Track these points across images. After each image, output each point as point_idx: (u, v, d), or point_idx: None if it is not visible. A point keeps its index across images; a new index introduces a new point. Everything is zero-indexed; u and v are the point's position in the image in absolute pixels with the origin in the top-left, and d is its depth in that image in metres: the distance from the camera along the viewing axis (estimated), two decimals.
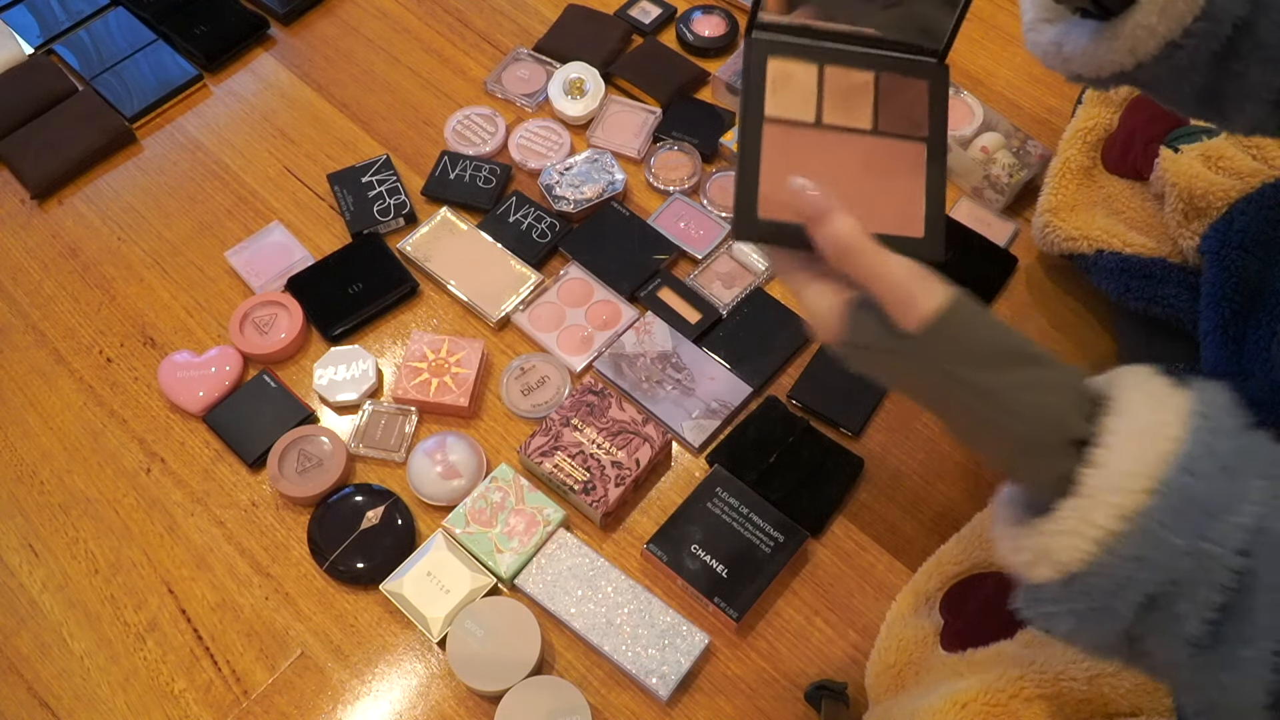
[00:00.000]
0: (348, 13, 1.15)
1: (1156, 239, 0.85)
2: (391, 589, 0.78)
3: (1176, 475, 0.40)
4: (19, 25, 1.12)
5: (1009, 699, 0.60)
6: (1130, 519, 0.40)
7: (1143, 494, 0.40)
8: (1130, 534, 0.40)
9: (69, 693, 0.77)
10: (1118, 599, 0.41)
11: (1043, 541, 0.43)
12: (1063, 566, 0.42)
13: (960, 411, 0.46)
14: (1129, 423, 0.42)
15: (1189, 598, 0.40)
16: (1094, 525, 0.41)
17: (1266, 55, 0.54)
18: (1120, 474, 0.41)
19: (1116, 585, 0.41)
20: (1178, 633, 0.41)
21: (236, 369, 0.89)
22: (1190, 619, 0.40)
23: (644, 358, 0.89)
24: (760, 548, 0.78)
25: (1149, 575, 0.40)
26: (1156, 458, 0.41)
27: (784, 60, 0.53)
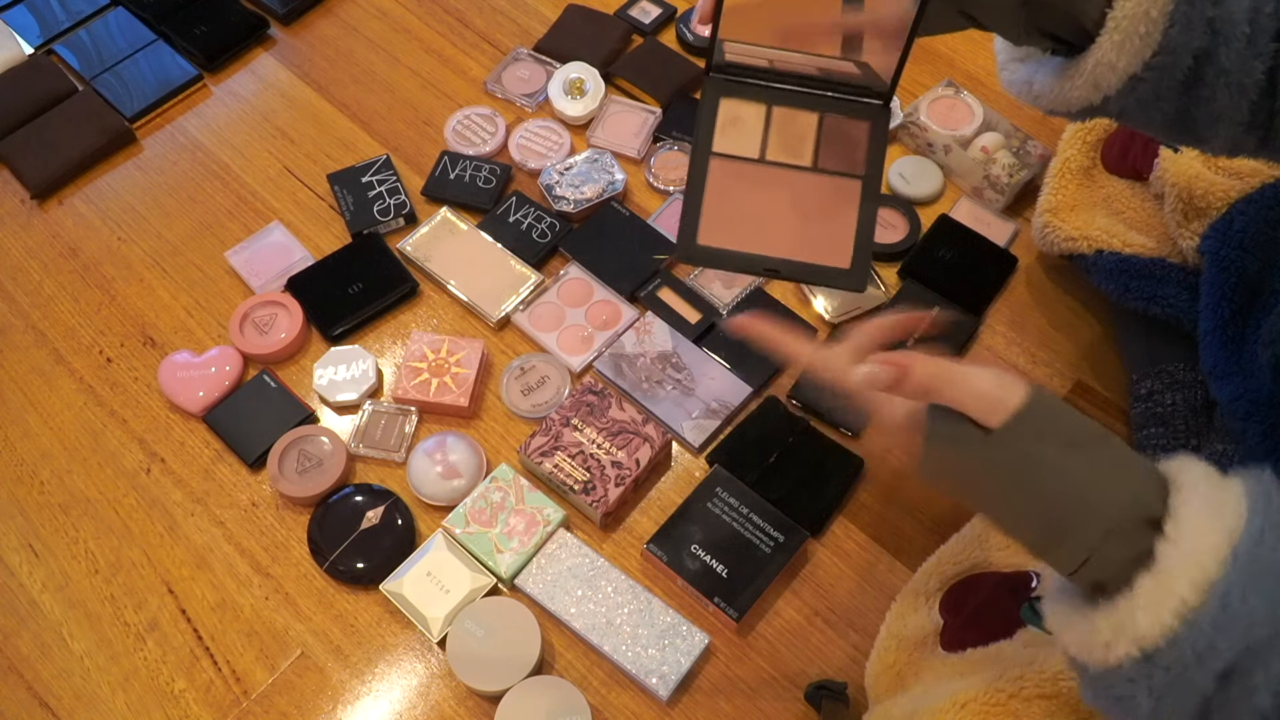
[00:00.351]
0: (348, 13, 1.15)
1: (1156, 239, 0.85)
2: (391, 589, 0.78)
3: (1248, 546, 0.42)
4: (19, 25, 1.12)
5: (1009, 699, 0.60)
6: (1207, 589, 0.42)
7: (1217, 565, 0.42)
8: (1208, 604, 0.42)
9: (69, 693, 0.77)
10: (1196, 671, 0.42)
11: (1121, 619, 0.44)
12: (1143, 641, 0.43)
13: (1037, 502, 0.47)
14: (1196, 500, 0.44)
15: (1265, 667, 0.42)
16: (1173, 596, 0.42)
17: (1232, 81, 0.55)
18: (1194, 548, 0.43)
19: (1196, 656, 0.42)
20: (1250, 708, 0.42)
21: (236, 369, 0.89)
22: (1262, 692, 0.42)
23: (644, 358, 0.89)
24: (760, 548, 0.78)
25: (1227, 643, 0.42)
26: (1226, 532, 0.43)
27: (735, 100, 0.58)
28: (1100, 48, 0.55)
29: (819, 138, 0.57)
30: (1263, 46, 0.54)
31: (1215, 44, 0.54)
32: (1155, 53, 0.54)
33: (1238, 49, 0.54)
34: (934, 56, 1.09)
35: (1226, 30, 0.54)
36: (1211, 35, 0.54)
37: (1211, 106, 0.56)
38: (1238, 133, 0.58)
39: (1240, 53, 0.54)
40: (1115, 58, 0.55)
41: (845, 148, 0.57)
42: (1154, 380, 0.83)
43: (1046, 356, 0.90)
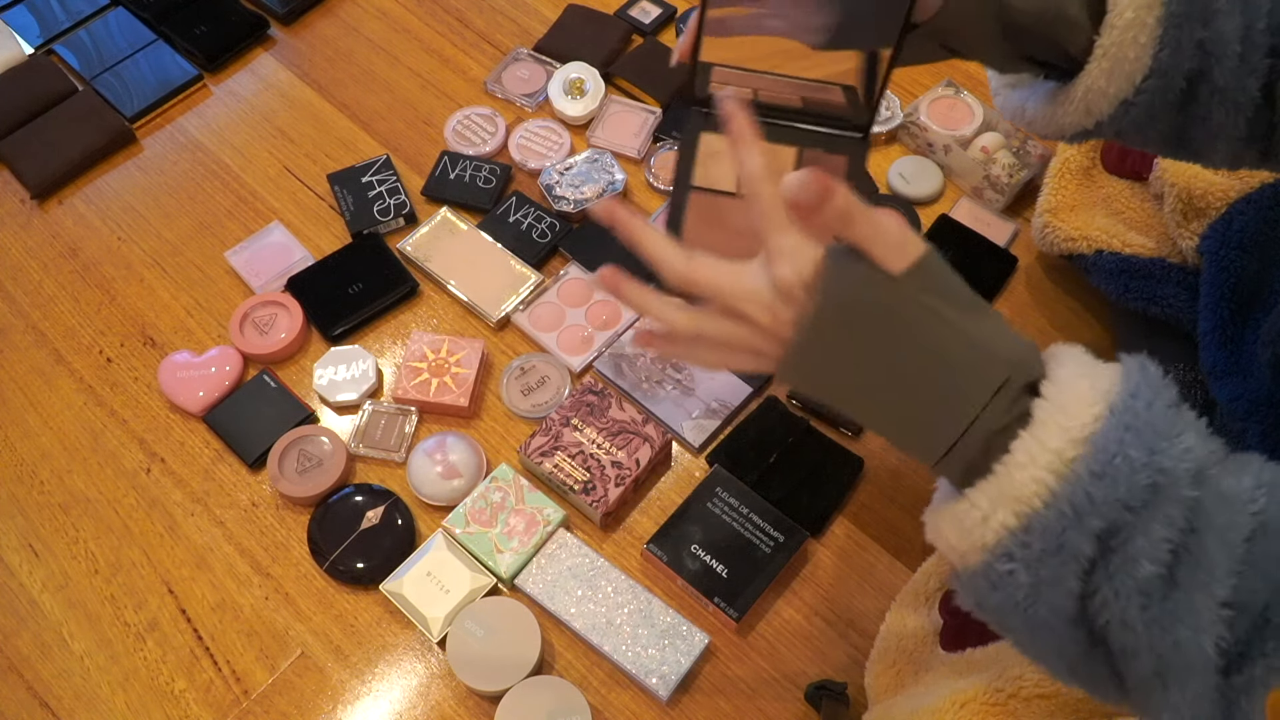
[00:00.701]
0: (348, 13, 1.15)
1: (1156, 239, 0.85)
2: (391, 589, 0.78)
3: (1124, 401, 0.42)
4: (19, 25, 1.12)
5: (1009, 698, 0.60)
6: (1085, 442, 0.41)
7: (1093, 419, 0.41)
8: (1086, 456, 0.41)
9: (69, 693, 0.77)
10: (1075, 533, 0.41)
11: (998, 483, 0.43)
12: (1021, 504, 0.42)
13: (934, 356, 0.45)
14: (1072, 365, 0.44)
15: (1144, 531, 0.40)
16: (1048, 451, 0.42)
17: (1227, 98, 0.55)
18: (1070, 403, 0.42)
19: (1074, 514, 0.41)
20: (1132, 578, 0.40)
21: (236, 369, 0.89)
22: (1143, 561, 0.40)
23: (644, 358, 0.89)
24: (760, 548, 0.78)
25: (1104, 497, 0.40)
26: (1103, 389, 0.42)
27: (716, 135, 0.58)
28: (1089, 74, 0.55)
29: None
30: (1256, 63, 0.54)
31: (1207, 64, 0.54)
32: (1145, 76, 0.55)
33: (1231, 67, 0.54)
34: None
35: (1218, 50, 0.54)
36: (1203, 55, 0.54)
37: (1208, 124, 0.56)
38: (1238, 147, 0.58)
39: (1234, 70, 0.54)
40: (1105, 84, 0.55)
41: None
42: None
43: None
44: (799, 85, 0.57)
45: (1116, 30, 0.54)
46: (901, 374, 0.46)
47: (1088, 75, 0.56)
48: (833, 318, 0.46)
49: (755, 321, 0.47)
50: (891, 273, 0.45)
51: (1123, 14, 0.54)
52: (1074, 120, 0.58)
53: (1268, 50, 0.54)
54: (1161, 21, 0.53)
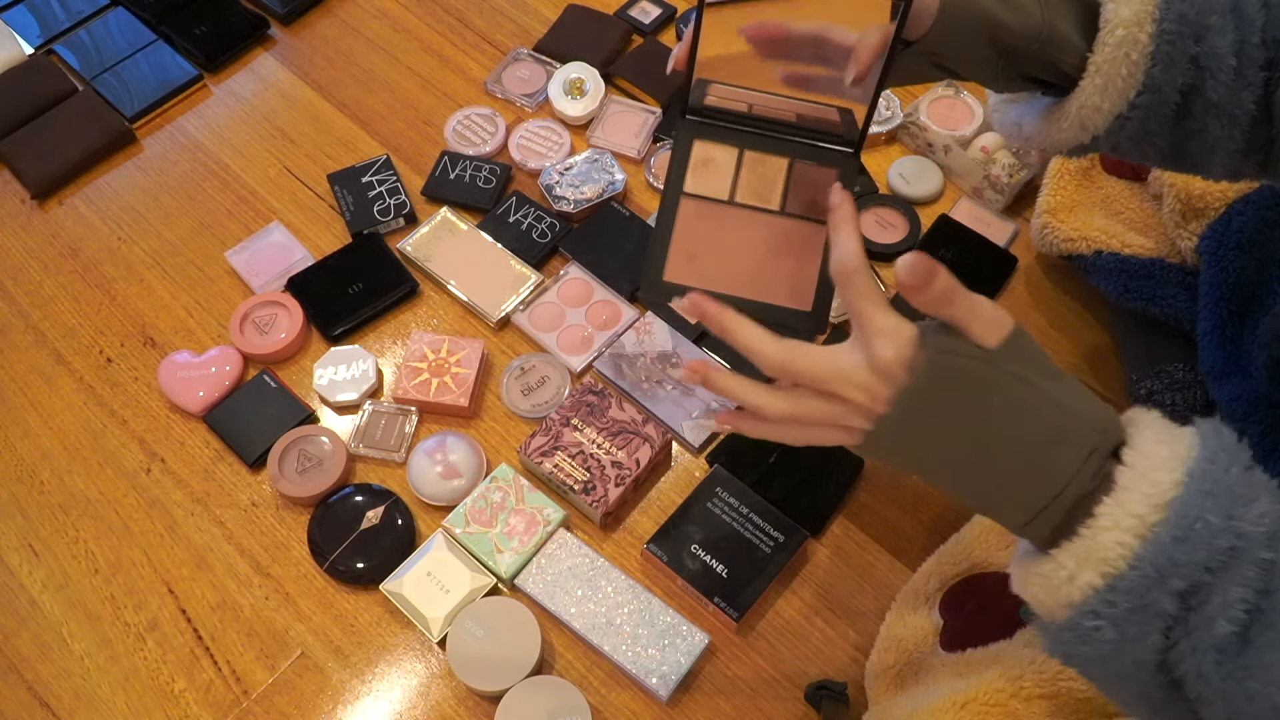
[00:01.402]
0: (348, 13, 1.15)
1: (1155, 239, 0.85)
2: (391, 589, 0.78)
3: (1202, 466, 0.43)
4: (19, 25, 1.12)
5: (1009, 699, 0.60)
6: (1166, 505, 0.43)
7: (1174, 485, 0.43)
8: (1167, 520, 0.43)
9: (69, 693, 0.77)
10: (1158, 592, 0.43)
11: (1085, 545, 0.45)
12: (1106, 565, 0.44)
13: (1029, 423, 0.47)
14: (1151, 431, 0.45)
15: (1222, 592, 0.42)
16: (1132, 516, 0.43)
17: (1223, 112, 0.55)
18: (1152, 468, 0.44)
19: (1157, 574, 0.43)
20: (1209, 635, 0.43)
21: (236, 369, 0.89)
22: (1220, 620, 0.42)
23: (644, 358, 0.89)
24: (760, 548, 0.78)
25: (1186, 558, 0.42)
26: (1181, 456, 0.44)
27: (708, 143, 0.59)
28: (1083, 91, 0.56)
29: (788, 183, 0.59)
30: (1251, 77, 0.54)
31: (1201, 78, 0.54)
32: (1139, 92, 0.55)
33: (1225, 81, 0.54)
34: None
35: (1212, 64, 0.54)
36: (1196, 70, 0.54)
37: (1205, 137, 0.57)
38: (1235, 159, 0.58)
39: (1228, 85, 0.54)
40: (1099, 100, 0.55)
41: (813, 194, 0.59)
42: (1153, 380, 0.84)
43: None
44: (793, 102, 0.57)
45: (1109, 47, 0.54)
46: (992, 444, 0.47)
47: (1082, 92, 0.56)
48: (932, 393, 0.47)
49: (851, 402, 0.49)
50: (987, 347, 0.47)
51: (1115, 31, 0.54)
52: (1070, 136, 0.58)
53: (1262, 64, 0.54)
54: (1154, 38, 0.54)
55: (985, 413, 0.47)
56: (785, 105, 0.58)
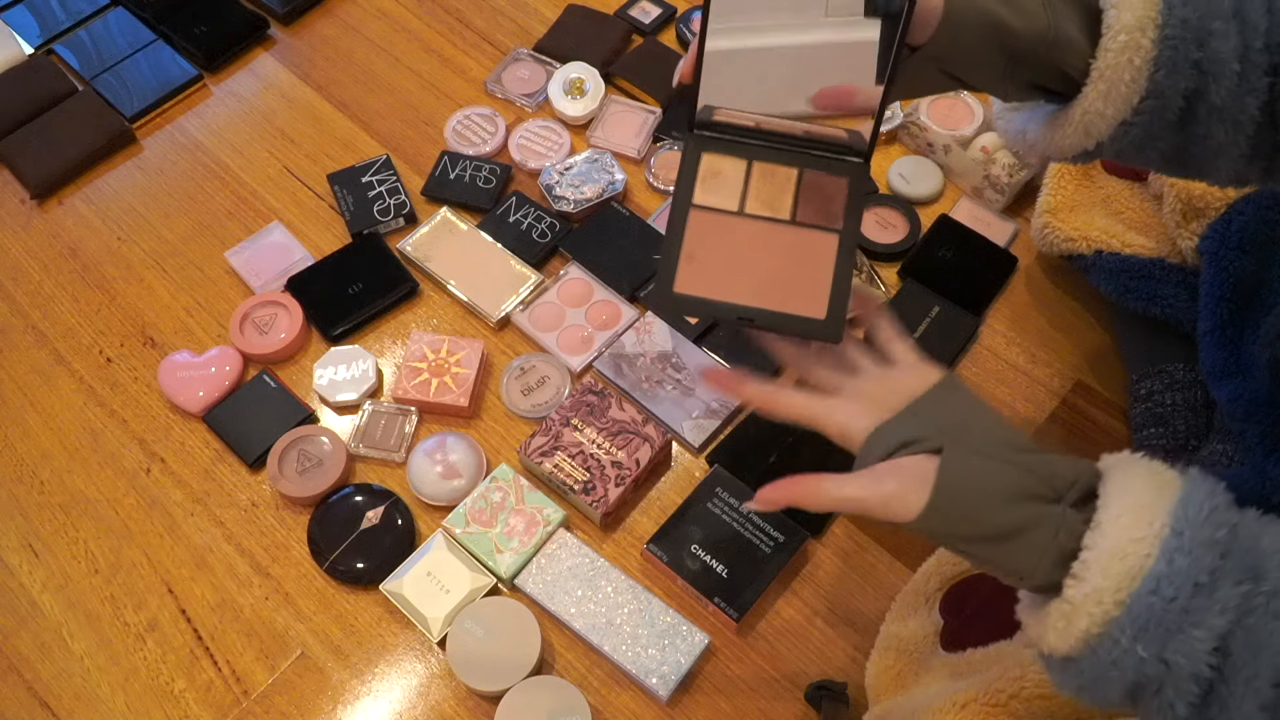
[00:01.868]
0: (348, 13, 1.15)
1: (1155, 239, 0.85)
2: (391, 589, 0.78)
3: (1142, 596, 0.45)
4: (19, 25, 1.12)
5: (1009, 699, 0.60)
6: (1104, 625, 0.46)
7: (1114, 607, 0.45)
8: (1104, 638, 0.46)
9: (69, 693, 0.77)
10: (1104, 685, 0.47)
11: (1038, 630, 0.48)
12: (1057, 652, 0.48)
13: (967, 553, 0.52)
14: (1109, 542, 0.46)
15: (1172, 687, 0.45)
16: (1076, 627, 0.46)
17: (1226, 117, 0.55)
18: (1096, 589, 0.46)
19: (1099, 676, 0.46)
20: (1170, 713, 0.45)
21: (236, 369, 0.89)
22: (1178, 704, 0.45)
23: (644, 358, 0.89)
24: (760, 548, 0.78)
25: (1122, 674, 0.45)
26: (1128, 576, 0.45)
27: (716, 155, 0.59)
28: (1086, 97, 0.55)
29: (798, 192, 0.59)
30: (1255, 82, 0.54)
31: (1205, 84, 0.54)
32: (1143, 98, 0.55)
33: (1229, 86, 0.54)
34: None
35: (1215, 70, 0.54)
36: (1200, 75, 0.54)
37: (1209, 143, 0.56)
38: (1240, 165, 0.58)
39: (1232, 90, 0.54)
40: (1102, 106, 0.55)
41: (823, 202, 0.59)
42: (1154, 380, 0.84)
43: (1046, 356, 0.90)
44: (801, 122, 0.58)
45: (1111, 53, 0.54)
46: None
47: (1085, 98, 0.56)
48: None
49: None
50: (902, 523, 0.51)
51: (1117, 37, 0.54)
52: (1073, 142, 0.58)
53: (1267, 69, 0.54)
54: (1156, 43, 0.54)
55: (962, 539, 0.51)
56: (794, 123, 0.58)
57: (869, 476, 0.52)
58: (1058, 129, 0.58)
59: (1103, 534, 0.46)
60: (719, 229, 0.58)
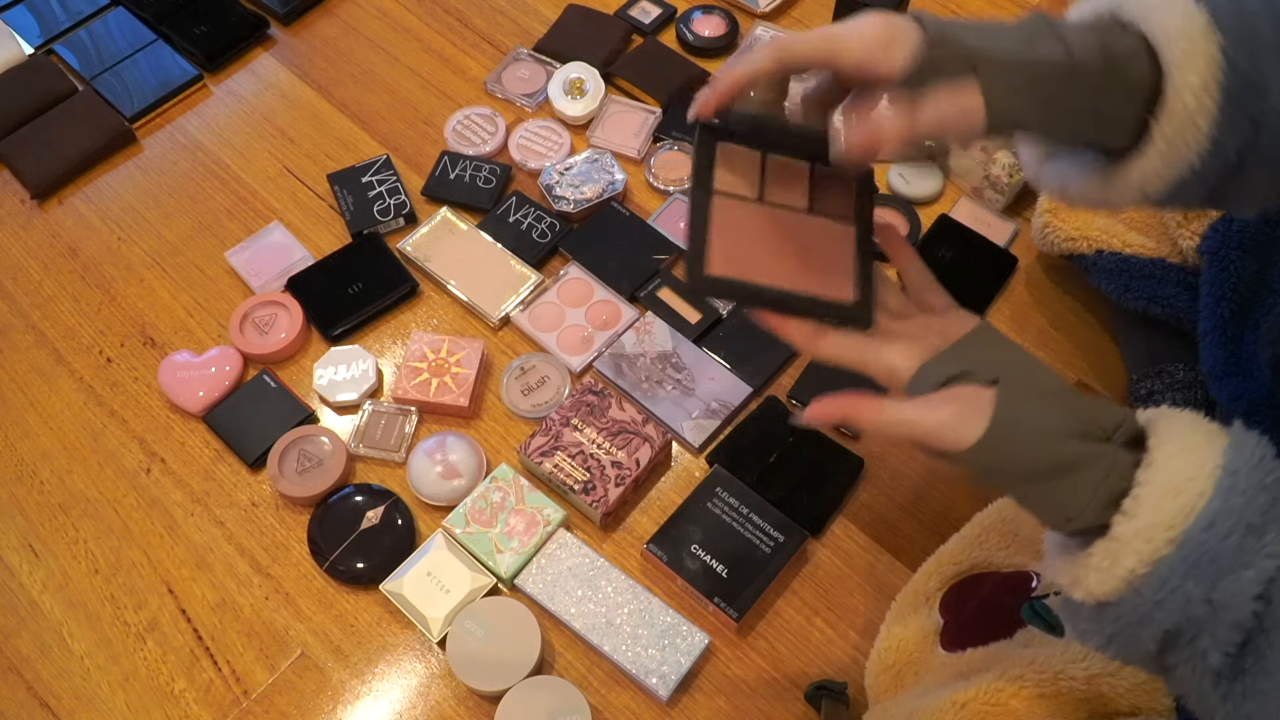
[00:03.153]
0: (348, 13, 1.15)
1: (1156, 239, 0.85)
2: (391, 589, 0.78)
3: (1196, 533, 0.44)
4: (19, 25, 1.12)
5: (1008, 699, 0.60)
6: (1152, 564, 0.45)
7: (1165, 545, 0.45)
8: (1151, 577, 0.45)
9: (69, 693, 0.77)
10: (1142, 630, 0.46)
11: (1077, 572, 0.47)
12: (1094, 596, 0.47)
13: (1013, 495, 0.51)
14: (1162, 477, 0.46)
15: (1210, 634, 0.44)
16: (1121, 566, 0.45)
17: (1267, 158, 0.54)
18: (1148, 525, 0.45)
19: (1140, 619, 0.45)
20: (1202, 664, 0.45)
21: (236, 369, 0.89)
22: (1212, 653, 0.44)
23: (644, 358, 0.89)
24: (760, 548, 0.78)
25: (1166, 616, 0.45)
26: (1181, 513, 0.45)
27: (731, 145, 0.59)
28: (1147, 156, 0.53)
29: (811, 185, 0.59)
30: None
31: (1257, 134, 0.53)
32: (1201, 156, 0.53)
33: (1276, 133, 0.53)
34: None
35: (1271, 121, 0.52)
36: (1254, 127, 0.53)
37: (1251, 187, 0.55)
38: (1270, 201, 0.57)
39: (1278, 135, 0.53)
40: (1161, 167, 0.54)
41: (836, 196, 0.59)
42: (1154, 380, 0.83)
43: (1046, 357, 0.90)
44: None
45: (1177, 116, 0.52)
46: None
47: (1145, 157, 0.53)
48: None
49: None
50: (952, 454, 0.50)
51: (1183, 98, 0.52)
52: (1127, 200, 0.57)
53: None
54: (1220, 105, 0.52)
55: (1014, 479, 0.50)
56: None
57: (925, 402, 0.51)
58: (1110, 187, 0.56)
59: (1156, 470, 0.46)
60: (742, 215, 0.58)
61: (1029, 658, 0.61)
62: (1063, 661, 0.60)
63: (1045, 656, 0.61)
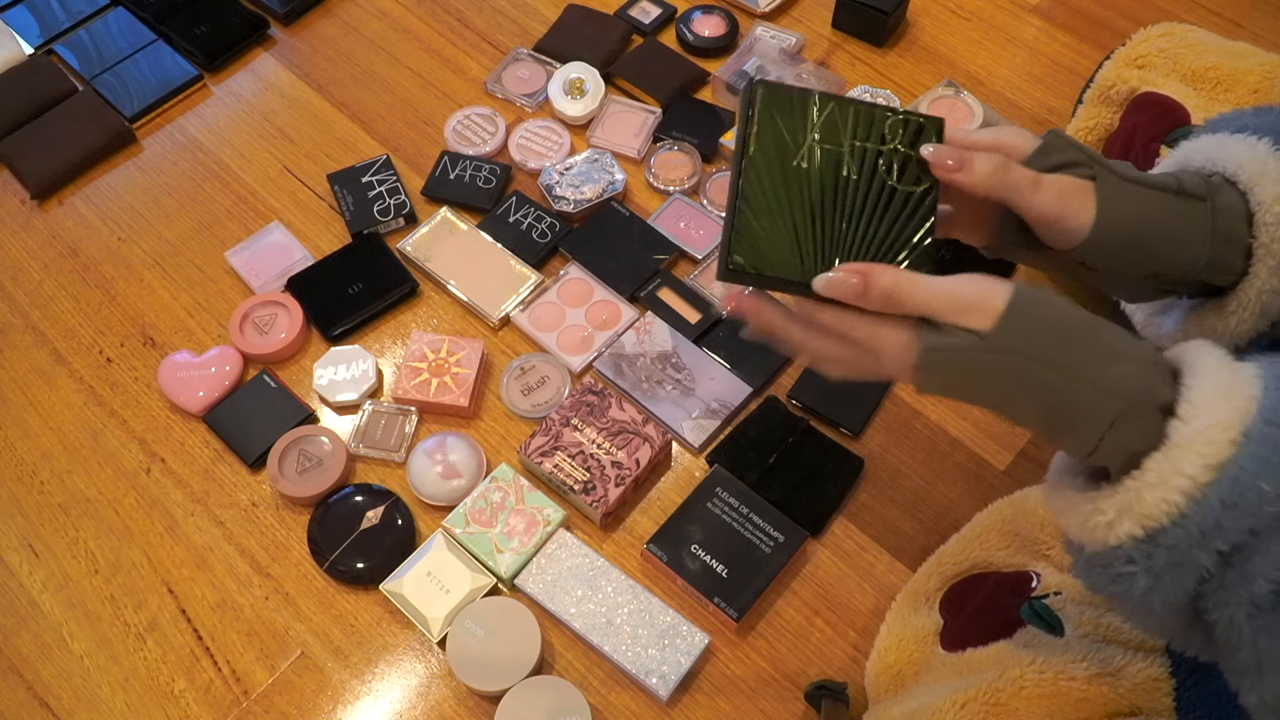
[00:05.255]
0: (348, 13, 1.15)
1: None
2: (391, 589, 0.78)
3: (1261, 426, 0.42)
4: (19, 25, 1.12)
5: (1008, 698, 0.60)
6: (1219, 467, 0.42)
7: (1229, 444, 0.42)
8: (1219, 482, 0.42)
9: (69, 693, 0.77)
10: (1199, 550, 0.42)
11: (1128, 498, 0.44)
12: (1149, 520, 0.43)
13: (1043, 397, 0.47)
14: (1209, 383, 0.44)
15: (1264, 553, 0.41)
16: (1183, 475, 0.43)
17: None
18: (1207, 426, 0.43)
19: (1201, 534, 0.42)
20: (1245, 593, 0.42)
21: (236, 369, 0.89)
22: (1259, 579, 0.42)
23: (644, 358, 0.89)
24: (760, 548, 0.78)
25: (1233, 522, 0.42)
26: (1240, 412, 0.43)
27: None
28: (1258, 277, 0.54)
29: None
30: None
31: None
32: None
33: None
34: (934, 56, 1.10)
35: None
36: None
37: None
38: None
39: None
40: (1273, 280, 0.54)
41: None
42: None
43: None
44: None
45: (1271, 225, 0.53)
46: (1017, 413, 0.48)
47: (1256, 278, 0.54)
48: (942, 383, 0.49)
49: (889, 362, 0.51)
50: (980, 332, 0.47)
51: (1272, 209, 0.53)
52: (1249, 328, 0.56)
53: None
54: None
55: (996, 393, 0.48)
56: None
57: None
58: (1225, 318, 0.56)
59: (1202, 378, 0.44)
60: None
61: (1029, 658, 0.61)
62: (1063, 661, 0.60)
63: (1045, 656, 0.61)
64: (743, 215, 0.52)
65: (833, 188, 0.53)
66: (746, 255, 0.52)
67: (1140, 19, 1.10)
